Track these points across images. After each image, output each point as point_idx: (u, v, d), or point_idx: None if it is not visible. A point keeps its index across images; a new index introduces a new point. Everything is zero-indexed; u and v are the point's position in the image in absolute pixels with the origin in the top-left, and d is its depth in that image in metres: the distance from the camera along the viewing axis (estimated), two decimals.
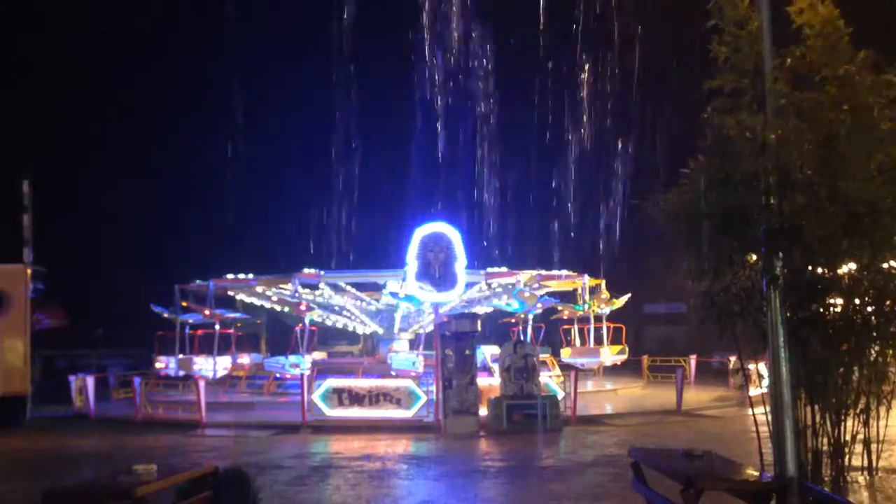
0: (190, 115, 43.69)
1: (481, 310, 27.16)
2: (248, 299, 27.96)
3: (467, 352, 17.71)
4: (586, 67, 34.29)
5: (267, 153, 45.11)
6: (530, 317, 28.80)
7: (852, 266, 8.09)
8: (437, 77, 35.96)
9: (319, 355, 27.87)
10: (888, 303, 7.96)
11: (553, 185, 39.74)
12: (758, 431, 8.27)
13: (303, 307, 25.22)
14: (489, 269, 26.57)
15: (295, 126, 42.18)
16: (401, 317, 27.02)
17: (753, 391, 15.93)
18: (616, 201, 36.85)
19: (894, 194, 7.64)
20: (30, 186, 23.14)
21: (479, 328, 18.64)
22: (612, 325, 29.84)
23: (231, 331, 27.73)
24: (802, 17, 7.88)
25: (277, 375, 25.19)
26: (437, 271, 23.55)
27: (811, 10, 7.84)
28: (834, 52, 7.80)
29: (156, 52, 44.67)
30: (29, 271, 20.66)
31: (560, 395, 19.15)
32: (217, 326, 26.05)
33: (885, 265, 8.07)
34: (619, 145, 37.32)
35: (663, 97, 32.77)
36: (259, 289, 26.55)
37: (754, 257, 8.05)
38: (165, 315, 26.26)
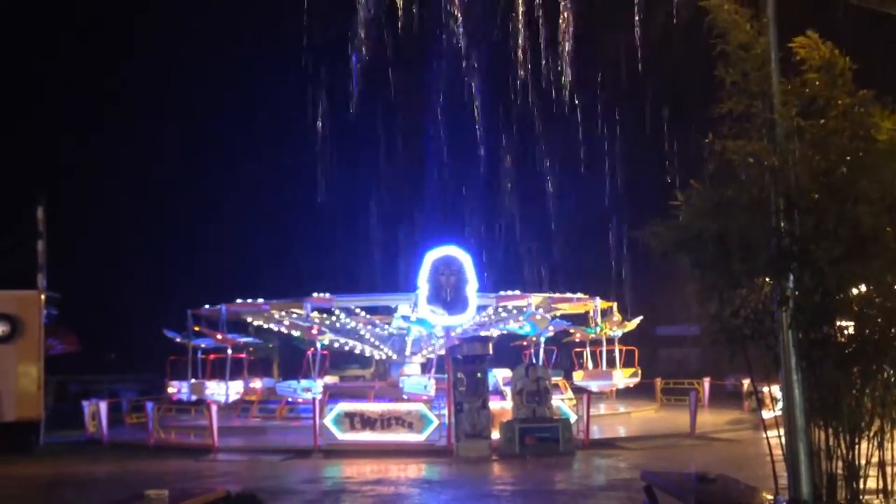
0: (200, 141, 44.05)
1: (493, 333, 27.13)
2: (259, 323, 28.02)
3: (479, 375, 17.68)
4: (597, 86, 34.52)
5: (278, 179, 45.40)
6: (542, 340, 28.69)
7: (863, 288, 8.07)
8: (448, 101, 36.30)
9: (331, 379, 27.84)
10: None
11: (565, 207, 39.89)
12: (772, 455, 8.23)
13: (314, 331, 25.24)
14: (500, 293, 26.53)
15: (307, 150, 42.42)
16: (412, 340, 26.98)
17: (767, 414, 15.79)
18: (628, 223, 36.90)
19: (892, 222, 7.63)
20: (44, 213, 23.35)
21: (491, 351, 18.61)
22: (624, 348, 29.69)
23: (243, 355, 27.75)
24: (804, 53, 7.93)
25: (289, 399, 25.17)
26: (448, 295, 23.55)
27: (811, 49, 7.89)
28: (834, 88, 7.83)
29: (169, 80, 45.11)
30: (43, 297, 20.80)
31: (573, 418, 19.07)
32: (229, 351, 26.07)
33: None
34: (631, 167, 37.50)
35: (677, 120, 32.92)
36: (271, 313, 26.60)
37: (764, 279, 8.03)
38: (178, 340, 26.28)
